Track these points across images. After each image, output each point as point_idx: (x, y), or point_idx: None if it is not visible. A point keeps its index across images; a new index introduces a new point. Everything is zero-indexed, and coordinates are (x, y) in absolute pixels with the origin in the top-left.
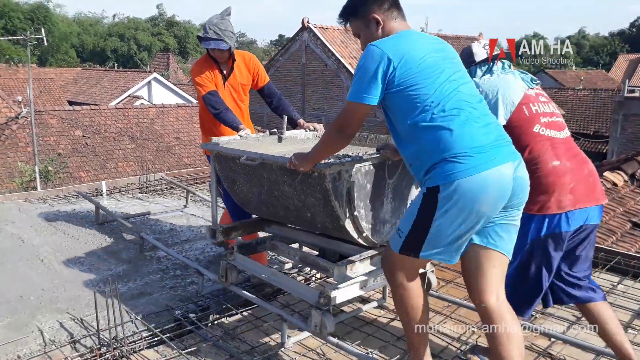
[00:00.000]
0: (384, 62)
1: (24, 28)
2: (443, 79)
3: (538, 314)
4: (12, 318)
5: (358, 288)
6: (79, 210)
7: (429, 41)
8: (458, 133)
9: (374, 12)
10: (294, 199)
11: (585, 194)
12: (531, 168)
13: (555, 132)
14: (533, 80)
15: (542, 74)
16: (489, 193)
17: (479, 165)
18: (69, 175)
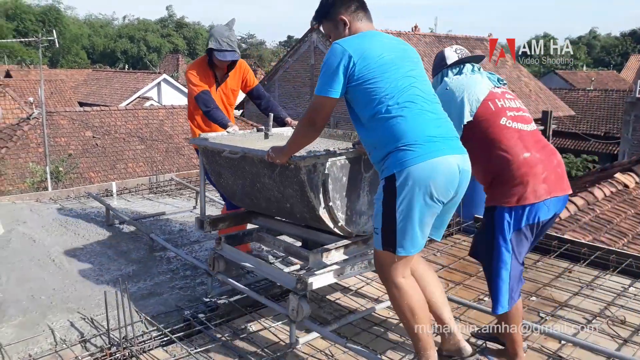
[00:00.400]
0: (345, 58)
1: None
2: (399, 75)
3: (548, 317)
4: (24, 317)
5: (334, 275)
6: (89, 211)
7: (389, 41)
8: (410, 124)
9: (342, 14)
10: (274, 191)
11: (557, 184)
12: (503, 162)
13: (522, 125)
14: (500, 81)
15: (552, 74)
16: (439, 178)
17: (429, 153)
18: (80, 176)
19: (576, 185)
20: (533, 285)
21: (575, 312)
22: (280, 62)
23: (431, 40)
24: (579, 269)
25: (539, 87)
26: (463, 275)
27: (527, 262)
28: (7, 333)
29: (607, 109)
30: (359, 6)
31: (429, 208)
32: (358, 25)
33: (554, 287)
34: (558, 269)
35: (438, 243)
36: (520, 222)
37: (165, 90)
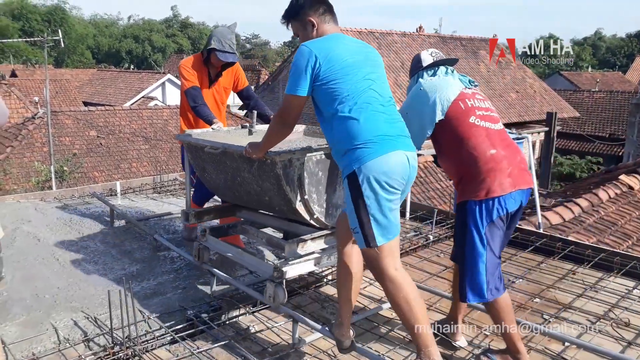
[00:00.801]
0: (312, 59)
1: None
2: (359, 77)
3: (552, 318)
4: (28, 316)
5: (310, 264)
6: (93, 210)
7: (353, 44)
8: (365, 123)
9: (310, 15)
10: (254, 184)
11: (520, 177)
12: (471, 158)
13: (490, 124)
14: (471, 82)
15: (557, 75)
16: (395, 169)
17: (383, 149)
18: (84, 175)
19: (580, 186)
20: (537, 286)
21: (579, 314)
22: (285, 63)
23: (436, 41)
24: (583, 270)
25: (544, 88)
26: None
27: (531, 264)
28: (11, 332)
29: (612, 110)
30: (327, 9)
31: (392, 195)
32: (325, 28)
33: (558, 288)
34: (562, 270)
35: (441, 244)
36: (492, 215)
37: (169, 90)
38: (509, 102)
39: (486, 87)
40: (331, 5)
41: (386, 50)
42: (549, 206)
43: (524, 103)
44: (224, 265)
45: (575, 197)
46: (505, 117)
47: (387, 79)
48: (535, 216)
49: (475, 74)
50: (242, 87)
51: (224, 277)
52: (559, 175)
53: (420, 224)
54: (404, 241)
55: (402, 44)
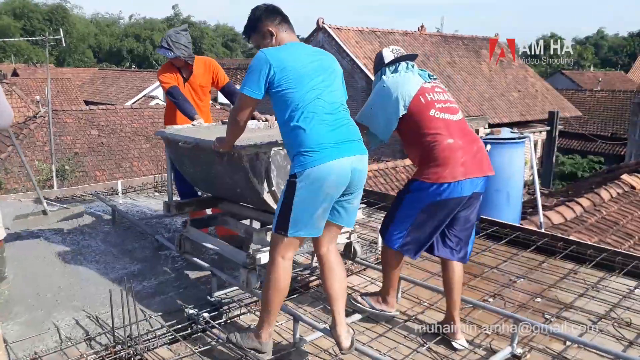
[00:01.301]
0: (266, 65)
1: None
2: (309, 87)
3: (553, 318)
4: (30, 315)
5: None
6: (95, 209)
7: (308, 53)
8: (309, 133)
9: (268, 25)
10: (226, 177)
11: (475, 167)
12: (430, 145)
13: (449, 115)
14: (430, 76)
15: (559, 75)
16: (331, 179)
17: (323, 158)
18: (85, 174)
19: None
20: (538, 286)
21: (580, 314)
22: None
23: (437, 40)
24: (585, 270)
25: (546, 87)
26: (468, 276)
27: (532, 264)
28: (13, 331)
29: (614, 109)
30: (282, 19)
31: (321, 202)
32: (282, 36)
33: (560, 288)
34: (563, 270)
35: None
36: (435, 197)
37: None
38: (510, 102)
39: (488, 87)
40: (286, 16)
41: None
42: (550, 205)
43: (526, 102)
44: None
45: (577, 197)
46: (507, 116)
47: (342, 84)
48: (536, 215)
49: (477, 73)
50: (222, 84)
51: (225, 276)
52: (561, 174)
53: None
54: None
55: (404, 43)
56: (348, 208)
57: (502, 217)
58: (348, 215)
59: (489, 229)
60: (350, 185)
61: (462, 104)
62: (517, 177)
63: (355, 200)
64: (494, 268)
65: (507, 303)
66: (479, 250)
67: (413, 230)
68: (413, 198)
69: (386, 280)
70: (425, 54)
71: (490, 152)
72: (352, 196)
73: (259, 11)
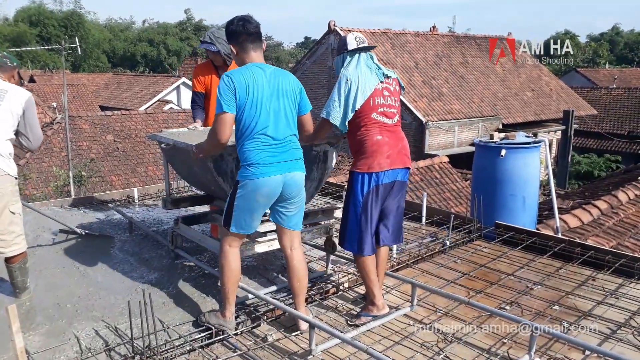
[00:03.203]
0: (232, 83)
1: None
2: (263, 110)
3: (571, 326)
4: (50, 325)
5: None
6: (112, 217)
7: (266, 76)
8: (254, 153)
9: (232, 44)
10: (202, 176)
11: (398, 159)
12: (362, 141)
13: (386, 119)
14: (384, 75)
15: (574, 73)
16: (262, 191)
17: (260, 174)
18: (101, 180)
19: (599, 187)
20: (555, 293)
21: (599, 322)
22: (298, 64)
23: (449, 40)
24: (603, 276)
25: (560, 86)
26: (484, 282)
27: (549, 270)
28: (34, 341)
29: (630, 107)
30: (246, 38)
31: (254, 208)
32: (243, 56)
33: (577, 295)
34: (581, 276)
35: (458, 250)
36: (369, 185)
37: (184, 93)
38: (524, 101)
39: (501, 86)
40: (254, 34)
41: (400, 51)
42: (567, 208)
43: (540, 101)
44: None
45: (594, 199)
46: (521, 116)
47: (294, 106)
48: (553, 219)
49: (490, 72)
50: None
51: (241, 285)
52: (577, 173)
53: (436, 229)
54: (420, 247)
55: (416, 44)
56: (286, 213)
57: (518, 222)
58: (288, 219)
59: (505, 234)
60: (283, 196)
61: (475, 104)
62: (533, 181)
63: (291, 207)
64: (510, 275)
65: (524, 311)
66: (495, 257)
67: (361, 225)
68: (353, 193)
69: (366, 284)
70: (438, 55)
71: (505, 157)
72: (286, 203)
73: (230, 27)
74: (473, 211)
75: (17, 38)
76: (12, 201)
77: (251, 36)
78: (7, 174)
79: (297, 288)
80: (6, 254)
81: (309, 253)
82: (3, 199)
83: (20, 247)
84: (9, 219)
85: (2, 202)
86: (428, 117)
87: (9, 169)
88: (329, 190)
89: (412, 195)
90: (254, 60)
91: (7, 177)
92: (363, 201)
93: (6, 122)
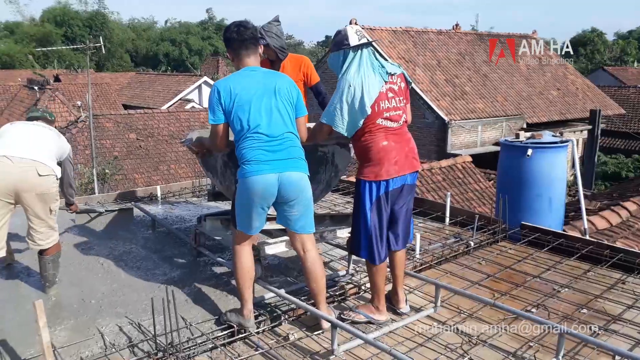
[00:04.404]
0: (217, 94)
1: (83, 35)
2: (254, 110)
3: (601, 330)
4: (75, 321)
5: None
6: (135, 215)
7: (257, 80)
8: (248, 150)
9: (230, 49)
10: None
11: (406, 164)
12: (368, 147)
13: (391, 123)
14: (388, 74)
15: (601, 71)
16: (255, 190)
17: (255, 172)
18: (124, 177)
19: (628, 188)
20: (583, 296)
21: (630, 327)
22: (319, 63)
23: (473, 39)
24: (633, 280)
25: (587, 84)
26: (509, 284)
27: (577, 272)
28: (60, 336)
29: None
30: (243, 45)
31: (252, 207)
32: (240, 61)
33: (607, 299)
34: (610, 279)
35: (483, 251)
36: (378, 193)
37: (206, 92)
38: (549, 100)
39: (526, 85)
40: (250, 39)
41: (422, 49)
42: (594, 209)
43: (566, 101)
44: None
45: (623, 200)
46: (546, 115)
47: (289, 104)
48: (580, 220)
49: (514, 71)
50: (312, 82)
51: (262, 284)
52: (603, 174)
53: (460, 230)
54: (444, 248)
55: (438, 42)
56: (290, 217)
57: (544, 223)
58: (294, 222)
59: (531, 235)
60: (282, 197)
61: (498, 104)
62: (560, 182)
63: (292, 210)
64: (536, 277)
65: (551, 314)
66: (520, 258)
67: (371, 234)
68: (361, 201)
69: (373, 290)
70: (461, 53)
71: (531, 157)
72: (286, 206)
73: (226, 34)
74: (498, 212)
75: (44, 38)
76: (54, 200)
77: (245, 42)
78: (55, 175)
79: (315, 289)
80: (44, 246)
81: (331, 252)
82: (50, 197)
83: (55, 238)
84: (50, 215)
85: (49, 200)
86: (450, 115)
87: (57, 171)
88: (350, 189)
89: (435, 195)
90: (248, 65)
91: (54, 178)
92: (372, 210)
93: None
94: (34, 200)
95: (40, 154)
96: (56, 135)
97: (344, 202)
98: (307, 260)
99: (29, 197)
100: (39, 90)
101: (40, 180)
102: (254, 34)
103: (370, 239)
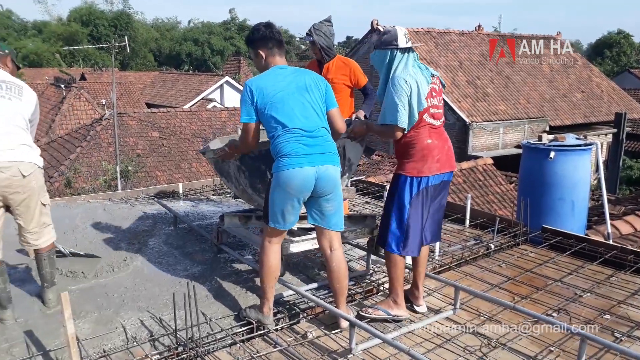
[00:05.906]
0: (249, 93)
1: (108, 34)
2: (288, 107)
3: (624, 337)
4: (99, 314)
5: (308, 244)
6: (157, 211)
7: (286, 76)
8: (286, 144)
9: (261, 49)
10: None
11: (447, 163)
12: (411, 144)
13: (434, 121)
14: (431, 75)
15: (627, 73)
16: (294, 183)
17: (292, 165)
18: (147, 175)
19: None
20: (606, 302)
21: None
22: None
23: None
24: None
25: (612, 87)
26: (529, 288)
27: (599, 277)
28: (84, 328)
29: None
30: (275, 44)
31: (287, 201)
32: (270, 60)
33: (630, 305)
34: (634, 285)
35: (503, 253)
36: (418, 188)
37: (227, 92)
38: (573, 103)
39: (549, 87)
40: (279, 40)
41: (444, 50)
42: (618, 214)
43: (590, 103)
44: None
45: None
46: (569, 118)
47: (321, 99)
48: (603, 225)
49: (538, 73)
50: (361, 84)
51: (282, 281)
52: (628, 179)
53: (481, 232)
54: (463, 250)
55: (460, 43)
56: (324, 212)
57: (566, 227)
58: (328, 219)
59: (552, 239)
60: (318, 191)
61: (521, 106)
62: (583, 186)
63: (328, 204)
64: (557, 281)
65: (572, 318)
66: (541, 262)
67: (409, 227)
68: (399, 195)
69: (393, 284)
70: (483, 54)
71: (554, 159)
72: (322, 200)
73: (257, 34)
74: (519, 214)
75: (70, 37)
76: (43, 193)
77: (278, 41)
78: (39, 167)
79: (338, 289)
80: (38, 246)
81: (349, 252)
82: (38, 192)
83: (50, 237)
84: (41, 210)
85: (36, 195)
86: (472, 117)
87: (39, 161)
88: (369, 189)
89: (455, 197)
90: (279, 64)
91: (39, 170)
92: (412, 204)
93: (27, 116)
94: (24, 201)
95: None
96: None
97: (362, 202)
98: (333, 260)
99: (18, 198)
100: (65, 88)
101: (26, 180)
102: (281, 34)
103: (407, 232)
